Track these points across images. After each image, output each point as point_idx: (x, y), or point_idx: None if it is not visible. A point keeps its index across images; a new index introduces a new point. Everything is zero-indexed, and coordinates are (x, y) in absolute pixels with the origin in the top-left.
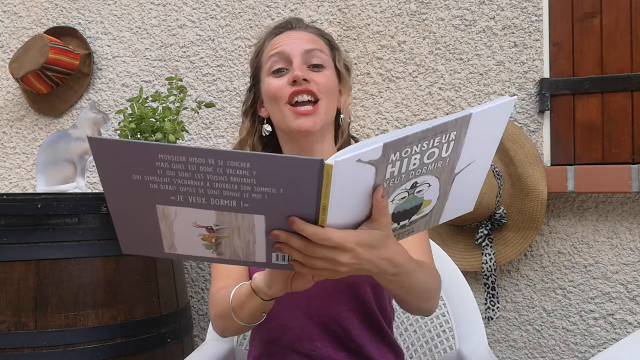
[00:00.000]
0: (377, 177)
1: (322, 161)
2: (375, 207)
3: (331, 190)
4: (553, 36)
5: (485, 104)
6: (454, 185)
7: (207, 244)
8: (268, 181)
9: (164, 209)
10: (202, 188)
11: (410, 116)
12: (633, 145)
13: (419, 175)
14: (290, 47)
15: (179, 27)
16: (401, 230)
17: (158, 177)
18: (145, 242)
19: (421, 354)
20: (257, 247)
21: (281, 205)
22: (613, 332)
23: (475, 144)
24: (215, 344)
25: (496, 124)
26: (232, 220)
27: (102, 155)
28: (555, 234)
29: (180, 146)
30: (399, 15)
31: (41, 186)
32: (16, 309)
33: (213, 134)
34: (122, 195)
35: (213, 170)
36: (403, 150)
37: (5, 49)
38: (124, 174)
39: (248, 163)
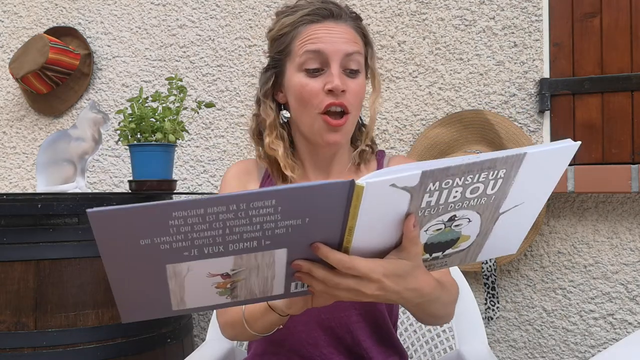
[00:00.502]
0: (411, 205)
1: (352, 182)
2: (406, 236)
3: (359, 212)
4: (553, 36)
5: (543, 145)
6: (497, 225)
7: (222, 291)
8: (294, 213)
9: (174, 267)
10: (220, 237)
11: (410, 116)
12: (633, 145)
13: (459, 209)
14: (331, 47)
15: (179, 27)
16: (433, 261)
17: (171, 236)
18: (150, 306)
19: (421, 354)
20: (276, 282)
21: (305, 235)
22: (613, 332)
23: (527, 186)
24: (215, 344)
25: (553, 168)
26: (250, 260)
27: (104, 226)
28: (555, 234)
29: (197, 200)
30: (399, 15)
31: (41, 186)
32: (16, 309)
33: (213, 134)
34: (126, 263)
35: (234, 216)
36: (444, 180)
37: (5, 49)
38: (130, 241)
39: (273, 200)
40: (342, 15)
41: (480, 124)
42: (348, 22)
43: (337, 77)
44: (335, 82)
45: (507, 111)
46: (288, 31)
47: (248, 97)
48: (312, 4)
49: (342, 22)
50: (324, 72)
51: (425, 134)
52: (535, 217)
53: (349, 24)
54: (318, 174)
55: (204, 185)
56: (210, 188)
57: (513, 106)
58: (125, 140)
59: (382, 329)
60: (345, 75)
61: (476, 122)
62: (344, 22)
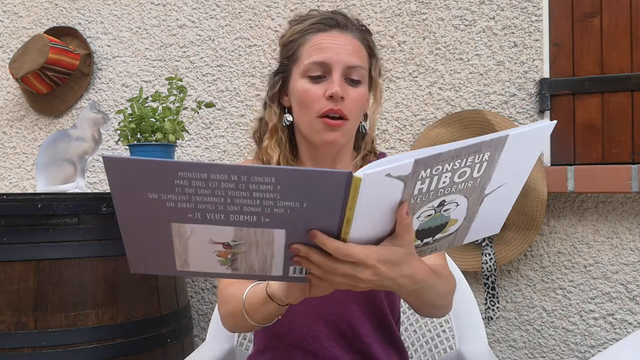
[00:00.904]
0: (404, 193)
1: (350, 173)
2: (400, 223)
3: (357, 203)
4: (553, 36)
5: (523, 127)
6: (482, 207)
7: (223, 260)
8: (292, 195)
9: (179, 227)
10: (222, 205)
11: (410, 116)
12: (633, 145)
13: (448, 194)
14: (334, 57)
15: (179, 27)
16: (424, 247)
17: (176, 195)
18: (156, 260)
19: (421, 353)
20: (275, 261)
21: (303, 219)
22: (613, 332)
23: (508, 167)
24: (215, 344)
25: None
26: (250, 235)
27: (117, 173)
28: (555, 234)
29: (202, 163)
30: (399, 15)
31: (41, 186)
32: (16, 309)
33: (213, 134)
34: (135, 214)
35: (235, 187)
36: (434, 167)
37: (5, 49)
38: (140, 192)
39: (273, 178)
40: (348, 26)
41: (480, 124)
42: (354, 33)
43: (338, 84)
44: (335, 88)
45: (507, 111)
46: (296, 38)
47: (248, 97)
48: (322, 14)
49: (348, 32)
50: (326, 79)
51: (425, 134)
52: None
53: (355, 35)
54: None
55: None
56: None
57: (513, 106)
58: (125, 140)
59: (383, 324)
60: (347, 83)
61: (476, 122)
62: (350, 32)
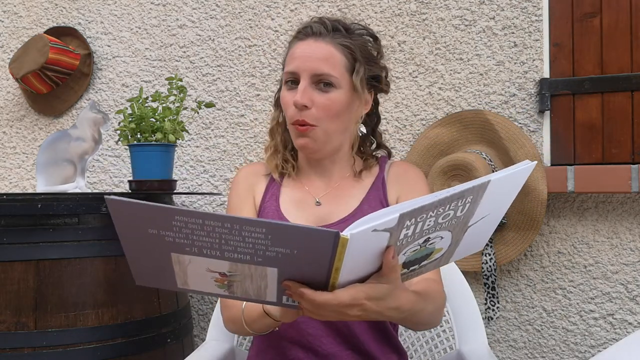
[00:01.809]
0: (390, 240)
1: (337, 234)
2: (386, 265)
3: (345, 256)
4: (553, 36)
5: (504, 170)
6: (466, 234)
7: (220, 285)
8: (282, 244)
9: (178, 257)
10: (216, 244)
11: (410, 116)
12: (633, 145)
13: (433, 232)
14: (302, 66)
15: (179, 27)
16: (410, 273)
17: (174, 232)
18: (158, 278)
19: (421, 353)
20: (269, 290)
21: (295, 262)
22: (613, 332)
23: (491, 204)
24: (215, 344)
25: (513, 186)
26: (244, 269)
27: (119, 213)
28: (555, 234)
29: (197, 211)
30: (399, 15)
31: (41, 186)
32: (16, 309)
33: (213, 134)
34: (137, 244)
35: (229, 232)
36: (419, 216)
37: (5, 49)
38: (140, 228)
39: (264, 229)
40: (321, 33)
41: (480, 124)
42: (334, 38)
43: (301, 92)
44: (296, 97)
45: (507, 111)
46: (288, 47)
47: (248, 97)
48: (307, 22)
49: (322, 39)
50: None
51: (425, 134)
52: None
53: (330, 42)
54: (320, 179)
55: (204, 185)
56: (210, 188)
57: (513, 106)
58: (125, 140)
59: (380, 324)
60: (317, 89)
61: (476, 122)
62: (325, 38)
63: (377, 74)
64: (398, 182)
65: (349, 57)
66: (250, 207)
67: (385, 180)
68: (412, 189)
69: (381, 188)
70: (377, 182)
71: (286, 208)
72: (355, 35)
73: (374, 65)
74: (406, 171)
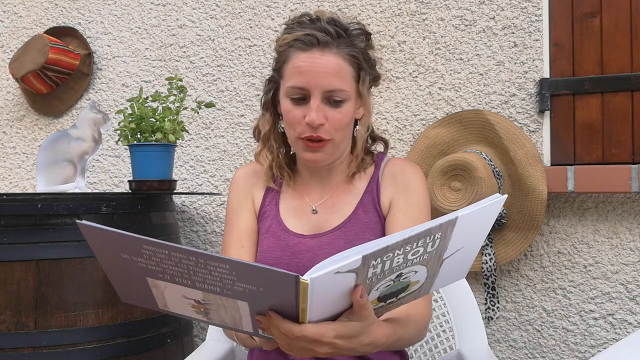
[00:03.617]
0: (358, 279)
1: (297, 278)
2: (355, 304)
3: (309, 298)
4: (553, 36)
5: (473, 206)
6: (443, 266)
7: (197, 311)
8: (247, 281)
9: (154, 281)
10: (186, 274)
11: (410, 116)
12: (633, 145)
13: (404, 268)
14: (312, 82)
15: (179, 27)
16: (388, 305)
17: (145, 259)
18: (140, 298)
19: (421, 353)
20: (244, 321)
21: (263, 299)
22: (613, 332)
23: (464, 237)
24: (215, 344)
25: (485, 218)
26: (217, 299)
27: (91, 237)
28: (555, 234)
29: (163, 243)
30: (399, 15)
31: (41, 186)
32: (16, 309)
33: (213, 134)
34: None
35: (195, 264)
36: (384, 256)
37: (5, 49)
38: (114, 252)
39: (227, 265)
40: (328, 44)
41: (480, 124)
42: (340, 48)
43: (315, 111)
44: (312, 116)
45: (507, 111)
46: (283, 50)
47: (248, 97)
48: (306, 27)
49: (328, 50)
50: (306, 102)
51: (425, 134)
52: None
53: (337, 53)
54: (318, 185)
55: (204, 185)
56: (210, 188)
57: (513, 106)
58: (125, 140)
59: None
60: (329, 104)
61: (476, 122)
62: (331, 49)
63: (376, 75)
64: (393, 182)
65: (355, 67)
66: (249, 210)
67: (380, 181)
68: (406, 189)
69: (375, 191)
70: (371, 184)
71: (285, 215)
72: (355, 39)
73: (373, 67)
74: (402, 170)
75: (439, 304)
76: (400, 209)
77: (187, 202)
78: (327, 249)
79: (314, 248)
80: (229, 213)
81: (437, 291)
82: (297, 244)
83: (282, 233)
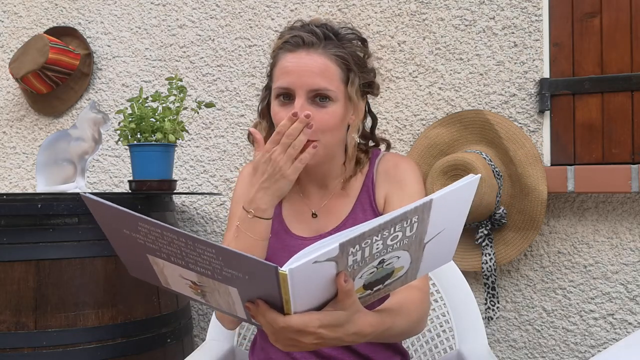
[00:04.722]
0: (338, 267)
1: (276, 269)
2: (340, 290)
3: (290, 289)
4: (553, 36)
5: (446, 188)
6: (426, 250)
7: (195, 292)
8: (233, 267)
9: (154, 259)
10: (179, 254)
11: (410, 116)
12: (633, 145)
13: (385, 254)
14: (296, 82)
15: (179, 27)
16: (375, 293)
17: (143, 236)
18: (144, 273)
19: (421, 353)
20: (237, 307)
21: (249, 287)
22: (613, 332)
23: (442, 219)
24: (215, 344)
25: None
26: (210, 283)
27: (95, 210)
28: (555, 234)
29: (156, 222)
30: (399, 15)
31: (41, 186)
32: (16, 309)
33: (213, 134)
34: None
35: (185, 246)
36: (362, 242)
37: (5, 49)
38: (117, 226)
39: (213, 250)
40: (314, 44)
41: (480, 124)
42: (327, 48)
43: (299, 110)
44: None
45: (507, 111)
46: (274, 56)
47: (248, 97)
48: (294, 30)
49: (314, 51)
50: (292, 102)
51: (425, 134)
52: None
53: (323, 53)
54: (317, 189)
55: (204, 185)
56: (210, 188)
57: (513, 106)
58: (125, 140)
59: None
60: (314, 105)
61: (476, 122)
62: (317, 50)
63: (369, 80)
64: (387, 179)
65: (343, 68)
66: None
67: (374, 178)
68: (401, 185)
69: (371, 188)
70: (366, 183)
71: (287, 217)
72: (345, 42)
73: (366, 72)
74: (396, 166)
75: (439, 304)
76: (395, 205)
77: (187, 202)
78: None
79: None
80: (233, 205)
81: (437, 291)
82: (298, 245)
83: (284, 234)
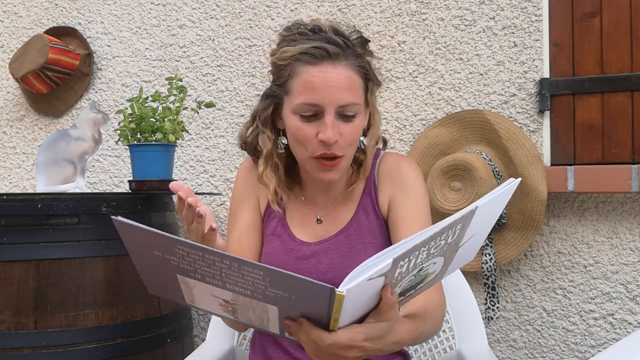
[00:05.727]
0: (386, 280)
1: (333, 290)
2: (384, 303)
3: (342, 308)
4: (553, 36)
5: (491, 194)
6: (457, 253)
7: (224, 309)
8: (280, 288)
9: (184, 279)
10: (217, 275)
11: (410, 116)
12: (633, 145)
13: (425, 262)
14: (326, 98)
15: (179, 27)
16: (406, 299)
17: (178, 258)
18: (167, 292)
19: (421, 353)
20: (271, 323)
21: (294, 306)
22: (613, 332)
23: (479, 224)
24: (215, 344)
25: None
26: (246, 301)
27: (126, 233)
28: (555, 234)
29: (197, 245)
30: (399, 15)
31: (41, 186)
32: (16, 309)
33: (213, 134)
34: (145, 261)
35: (228, 268)
36: (411, 255)
37: (5, 49)
38: (147, 248)
39: (261, 272)
40: (339, 56)
41: (480, 124)
42: (349, 59)
43: (330, 127)
44: (327, 134)
45: (507, 111)
46: (286, 65)
47: (248, 97)
48: (312, 40)
49: (339, 63)
50: (318, 118)
51: (425, 134)
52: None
53: (347, 65)
54: (322, 194)
55: (204, 185)
56: (210, 188)
57: (513, 106)
58: (125, 140)
59: None
60: (341, 119)
61: (476, 122)
62: (342, 62)
63: (379, 83)
64: (390, 180)
65: (363, 78)
66: (251, 207)
67: (376, 180)
68: (404, 186)
69: (373, 191)
70: (368, 186)
71: (291, 221)
72: (360, 49)
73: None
74: (398, 166)
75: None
76: (402, 207)
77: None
78: (330, 253)
79: (318, 253)
80: (232, 205)
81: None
82: (302, 249)
83: (287, 237)
